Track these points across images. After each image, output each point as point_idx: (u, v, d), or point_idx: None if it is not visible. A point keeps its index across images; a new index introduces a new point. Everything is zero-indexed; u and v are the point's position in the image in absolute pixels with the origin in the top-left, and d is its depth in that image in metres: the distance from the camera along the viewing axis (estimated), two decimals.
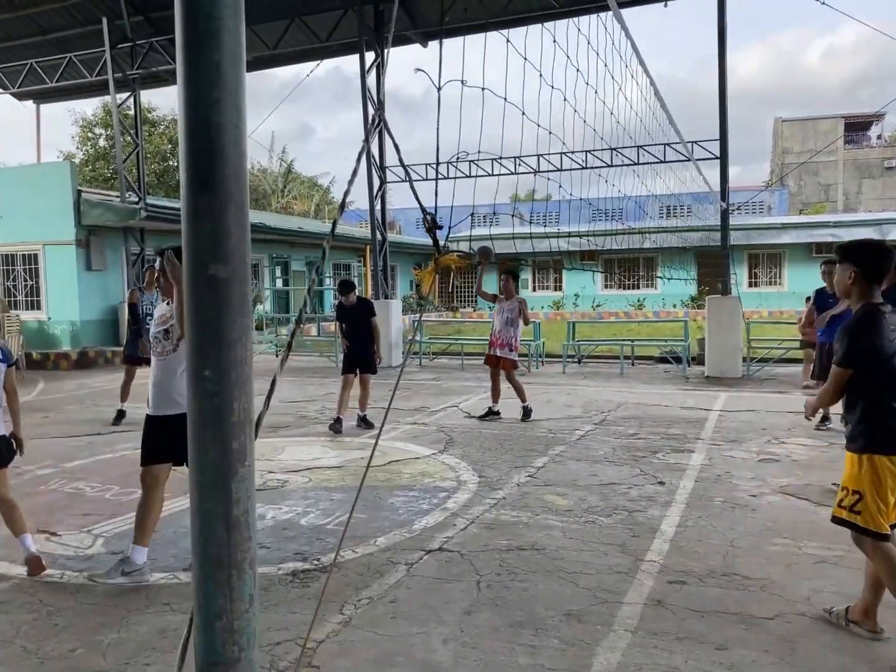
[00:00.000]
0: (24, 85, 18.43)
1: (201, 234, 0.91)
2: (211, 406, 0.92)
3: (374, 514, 5.09)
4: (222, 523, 0.91)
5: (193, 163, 0.91)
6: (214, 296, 0.90)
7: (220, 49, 0.84)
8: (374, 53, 14.39)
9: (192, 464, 0.92)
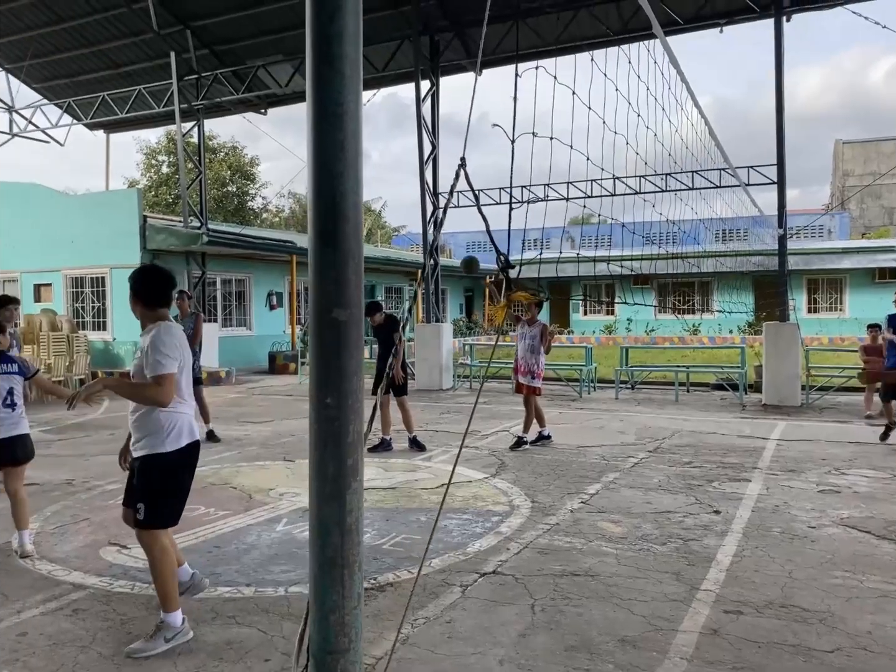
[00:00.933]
0: (96, 116, 19.40)
1: (326, 283, 1.05)
2: (331, 429, 1.05)
3: (427, 536, 5.17)
4: (337, 529, 1.04)
5: (320, 223, 1.05)
6: (335, 335, 1.04)
7: (343, 130, 0.99)
8: (430, 82, 14.73)
9: (313, 477, 1.06)
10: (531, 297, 1.81)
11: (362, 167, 1.02)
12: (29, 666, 3.33)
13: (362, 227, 1.07)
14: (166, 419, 3.53)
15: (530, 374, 8.43)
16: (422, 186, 14.54)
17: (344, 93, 0.99)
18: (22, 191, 18.76)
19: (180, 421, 3.57)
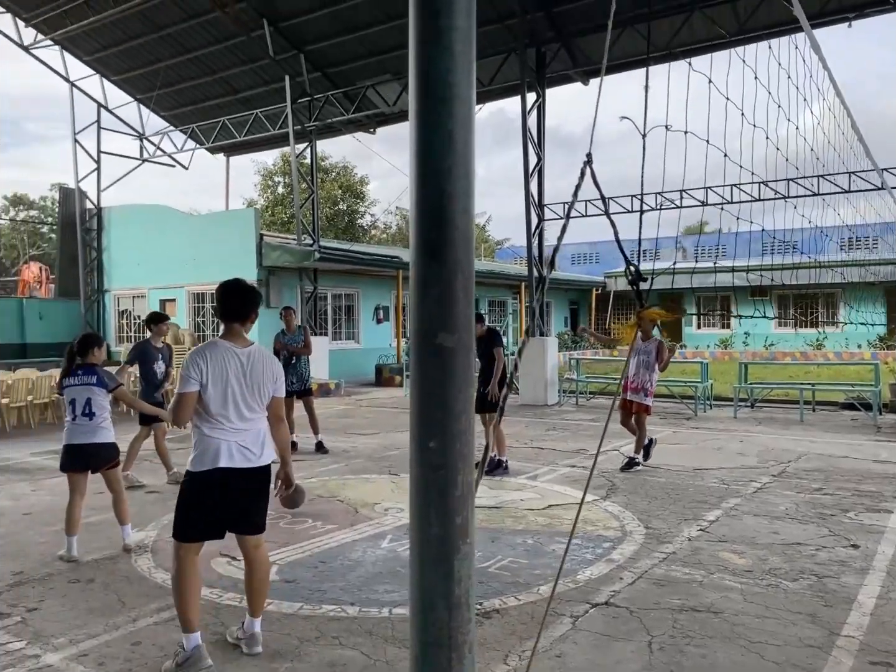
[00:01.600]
0: (217, 140, 20.44)
1: (429, 302, 0.90)
2: (436, 479, 0.89)
3: (535, 561, 4.97)
4: (443, 602, 0.88)
5: (424, 231, 0.91)
6: (440, 364, 0.88)
7: (452, 117, 0.84)
8: (536, 94, 14.56)
9: (415, 536, 0.91)
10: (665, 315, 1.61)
11: (474, 164, 0.87)
12: None
13: (473, 237, 0.92)
14: (198, 440, 3.54)
15: (643, 392, 8.01)
16: (527, 198, 14.36)
17: (454, 73, 0.85)
18: (151, 212, 19.99)
19: (207, 445, 3.50)
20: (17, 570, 4.86)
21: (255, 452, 3.57)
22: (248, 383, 3.55)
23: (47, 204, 37.22)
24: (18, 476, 8.03)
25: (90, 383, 5.22)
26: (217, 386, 3.48)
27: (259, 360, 3.62)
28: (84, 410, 5.15)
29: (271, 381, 3.65)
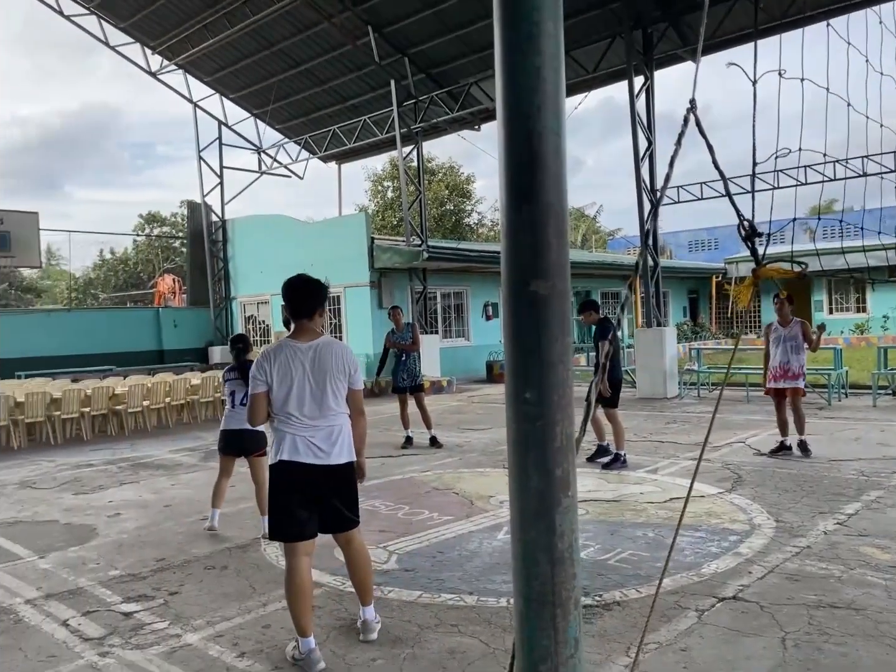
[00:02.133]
0: (328, 149, 21.15)
1: (521, 249, 0.87)
2: (533, 430, 0.87)
3: (656, 554, 4.81)
4: (545, 557, 0.86)
5: (513, 174, 0.88)
6: (534, 313, 0.86)
7: (540, 54, 0.82)
8: (644, 77, 14.12)
9: (514, 490, 0.89)
10: (785, 273, 1.48)
11: (564, 102, 0.84)
12: (271, 658, 3.54)
13: (565, 179, 0.88)
14: (274, 434, 3.61)
15: (794, 377, 7.78)
16: (638, 184, 13.95)
17: (540, 6, 0.82)
18: (270, 222, 20.95)
19: (278, 439, 3.54)
20: (160, 557, 5.22)
21: (324, 451, 3.50)
22: (315, 377, 3.51)
23: (177, 220, 39.81)
24: (159, 471, 8.63)
25: (232, 378, 5.84)
26: (283, 384, 3.49)
27: (327, 353, 3.55)
28: (242, 401, 5.51)
29: (343, 372, 3.58)
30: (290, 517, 3.49)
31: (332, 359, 3.55)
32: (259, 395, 3.53)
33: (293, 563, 3.49)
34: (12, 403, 11.02)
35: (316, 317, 3.62)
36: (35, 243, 16.10)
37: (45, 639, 3.88)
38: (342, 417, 3.61)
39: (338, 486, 3.57)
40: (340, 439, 3.57)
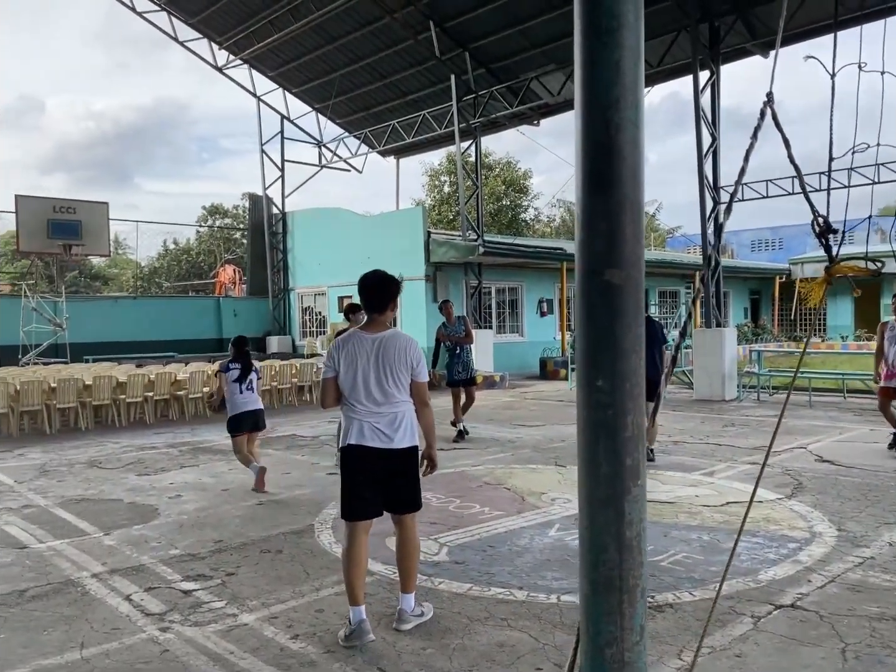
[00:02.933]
0: (387, 143, 21.33)
1: (596, 238, 0.87)
2: (604, 418, 0.86)
3: (711, 558, 4.72)
4: (614, 543, 0.86)
5: (589, 163, 0.87)
6: (608, 302, 0.85)
7: (620, 46, 0.82)
8: (710, 72, 13.79)
9: (583, 477, 0.89)
10: (860, 270, 1.44)
11: (643, 96, 0.84)
12: (323, 641, 3.61)
13: (643, 170, 0.88)
14: (343, 420, 3.89)
15: None
16: (700, 181, 13.65)
17: (621, 1, 0.82)
18: (329, 215, 21.25)
19: (346, 424, 3.81)
20: (218, 539, 5.37)
21: (388, 435, 3.71)
22: (379, 367, 3.71)
23: (239, 212, 40.71)
24: (217, 456, 8.87)
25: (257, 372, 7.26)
26: (349, 372, 3.73)
27: (392, 345, 3.74)
28: (248, 386, 7.06)
29: (405, 364, 3.75)
30: (357, 498, 3.74)
31: (395, 351, 3.74)
32: (328, 381, 3.81)
33: (353, 539, 3.72)
34: (81, 386, 11.48)
35: (387, 311, 3.84)
36: (104, 232, 16.70)
37: (109, 611, 4.04)
38: (405, 405, 3.80)
39: (401, 470, 3.79)
40: (403, 425, 3.77)
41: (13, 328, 15.76)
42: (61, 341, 16.07)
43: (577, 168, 0.90)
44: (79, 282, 34.75)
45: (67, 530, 5.69)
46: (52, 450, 9.55)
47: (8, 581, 4.55)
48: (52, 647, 3.59)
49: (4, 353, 15.68)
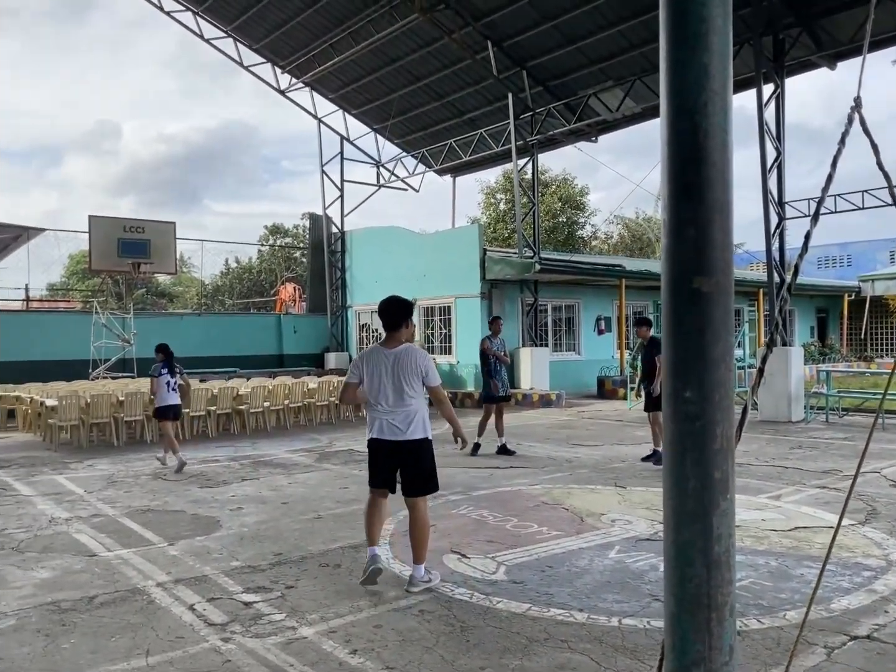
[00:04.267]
0: (444, 162, 21.53)
1: (684, 245, 0.85)
2: (692, 430, 0.85)
3: (780, 584, 4.55)
4: (701, 559, 0.83)
5: (676, 169, 0.86)
6: (697, 310, 0.84)
7: (709, 51, 0.81)
8: (774, 84, 13.50)
9: (669, 489, 0.87)
10: None
11: (731, 101, 0.82)
12: (381, 657, 3.60)
13: (732, 175, 0.86)
14: (368, 417, 4.77)
15: None
16: (765, 196, 13.31)
17: (708, 6, 0.81)
18: (386, 234, 21.52)
19: (370, 421, 4.73)
20: (277, 552, 5.44)
21: (401, 429, 4.58)
22: (395, 376, 4.58)
23: (299, 231, 41.58)
24: (277, 469, 9.01)
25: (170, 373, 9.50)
26: (371, 379, 4.64)
27: (405, 358, 4.61)
28: (173, 387, 9.45)
29: (415, 373, 4.60)
30: (376, 475, 4.73)
31: (409, 362, 4.60)
32: (351, 385, 4.77)
33: (372, 500, 4.76)
34: (147, 400, 11.84)
35: (402, 328, 4.70)
36: (171, 251, 17.27)
37: (173, 620, 4.12)
38: (417, 403, 4.62)
39: (412, 458, 4.63)
40: (415, 420, 4.62)
41: (84, 343, 16.39)
42: (129, 356, 16.63)
43: (663, 175, 0.89)
44: (146, 299, 35.98)
45: (134, 540, 5.86)
46: (119, 461, 9.86)
47: (79, 587, 4.70)
48: (119, 654, 3.68)
49: (76, 367, 16.31)
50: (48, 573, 5.01)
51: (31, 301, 20.03)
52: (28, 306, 19.67)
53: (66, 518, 6.60)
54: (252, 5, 18.38)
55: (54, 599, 4.47)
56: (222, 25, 19.70)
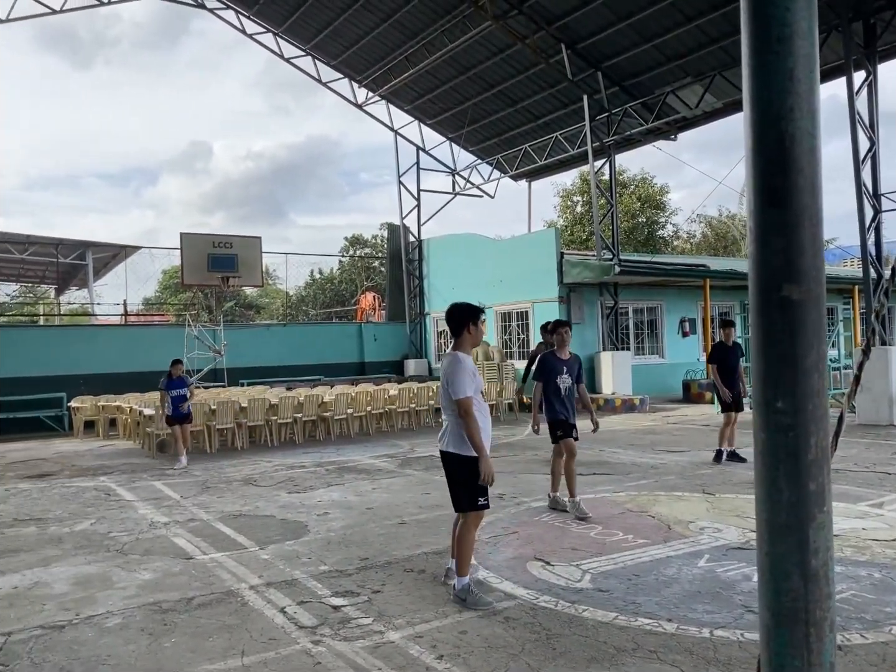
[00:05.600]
0: (519, 167, 21.50)
1: (771, 253, 0.83)
2: (785, 441, 0.82)
3: (884, 597, 4.32)
4: (797, 572, 0.81)
5: (762, 177, 0.84)
6: (787, 319, 0.82)
7: (793, 55, 0.79)
8: (865, 72, 12.86)
9: (762, 503, 0.85)
10: None
11: (819, 104, 0.80)
12: (468, 663, 3.62)
13: (821, 180, 0.84)
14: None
15: None
16: (858, 189, 12.69)
17: (793, 10, 0.79)
18: (462, 240, 21.64)
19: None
20: (363, 557, 5.55)
21: (442, 440, 4.61)
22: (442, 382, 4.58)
23: (377, 241, 42.32)
24: (361, 475, 9.18)
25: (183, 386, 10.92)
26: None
27: (444, 365, 4.60)
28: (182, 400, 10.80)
29: (443, 383, 4.53)
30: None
31: (443, 370, 4.62)
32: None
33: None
34: (237, 408, 12.29)
35: (464, 333, 4.64)
36: (258, 265, 17.88)
37: (266, 622, 4.26)
38: (451, 416, 4.52)
39: (447, 470, 4.62)
40: (448, 432, 4.56)
41: (178, 354, 17.12)
42: (219, 366, 17.30)
43: (748, 182, 0.88)
44: (234, 311, 37.36)
45: (227, 543, 6.09)
46: (212, 468, 10.27)
47: (177, 589, 4.92)
48: (217, 654, 3.84)
49: None
50: (150, 575, 5.27)
51: (128, 315, 21.13)
52: (126, 320, 20.77)
53: (165, 522, 6.93)
54: (329, 23, 18.90)
55: (156, 600, 4.70)
56: (301, 44, 20.33)
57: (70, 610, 4.57)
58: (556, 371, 6.74)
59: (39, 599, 4.79)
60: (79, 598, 4.80)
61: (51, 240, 22.74)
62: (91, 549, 6.02)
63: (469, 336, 4.65)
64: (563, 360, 6.81)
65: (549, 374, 6.75)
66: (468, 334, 4.64)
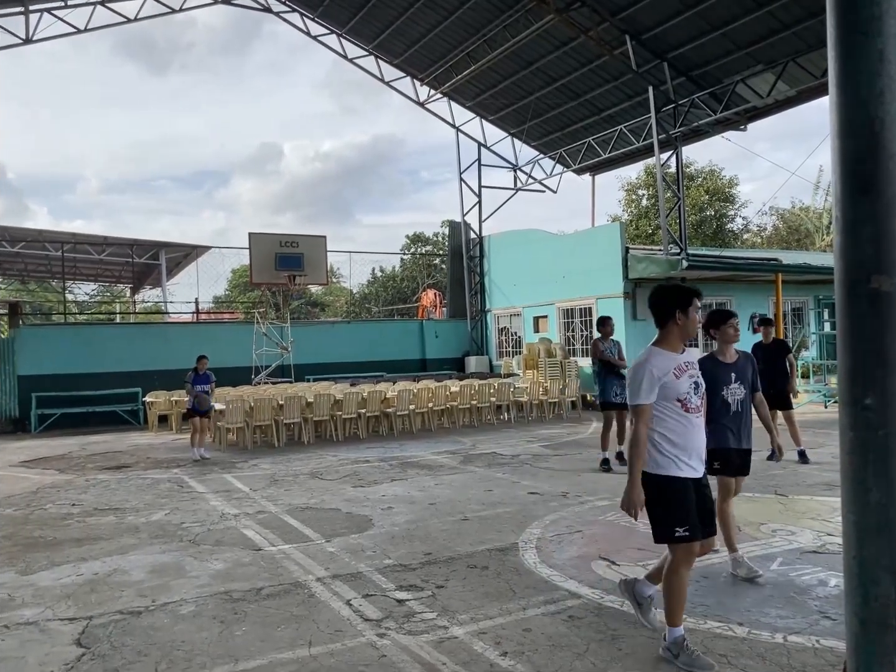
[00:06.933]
0: (582, 161, 21.23)
1: (860, 243, 0.80)
2: (873, 439, 0.79)
3: None
4: (888, 577, 0.77)
5: (849, 164, 0.82)
6: (876, 312, 0.79)
7: (882, 35, 0.75)
8: None
9: (848, 503, 0.82)
10: None
11: None
12: (532, 661, 3.60)
13: None
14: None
15: None
16: None
17: None
18: (524, 236, 21.50)
19: None
20: (427, 552, 5.59)
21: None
22: None
23: (439, 239, 42.51)
24: (423, 471, 9.24)
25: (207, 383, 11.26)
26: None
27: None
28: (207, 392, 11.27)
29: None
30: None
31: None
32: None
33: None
34: (304, 404, 12.54)
35: (671, 324, 3.58)
36: (323, 263, 18.19)
37: (332, 614, 4.34)
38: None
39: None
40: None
41: (247, 351, 17.61)
42: (286, 363, 17.69)
43: (834, 170, 0.84)
44: (301, 309, 38.14)
45: (294, 536, 6.22)
46: (279, 461, 10.51)
47: (248, 579, 5.06)
48: (285, 643, 3.93)
49: (240, 373, 17.56)
50: (221, 565, 5.43)
51: (199, 313, 21.82)
52: (198, 318, 21.44)
53: (235, 514, 7.13)
54: (391, 22, 19.04)
55: (227, 589, 4.84)
56: (364, 45, 20.56)
57: (146, 597, 4.75)
58: (719, 381, 4.87)
59: (118, 586, 5.00)
60: (154, 585, 4.99)
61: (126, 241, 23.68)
62: (165, 539, 6.24)
63: (677, 328, 3.56)
64: (729, 363, 4.98)
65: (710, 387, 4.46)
66: (676, 326, 3.56)
